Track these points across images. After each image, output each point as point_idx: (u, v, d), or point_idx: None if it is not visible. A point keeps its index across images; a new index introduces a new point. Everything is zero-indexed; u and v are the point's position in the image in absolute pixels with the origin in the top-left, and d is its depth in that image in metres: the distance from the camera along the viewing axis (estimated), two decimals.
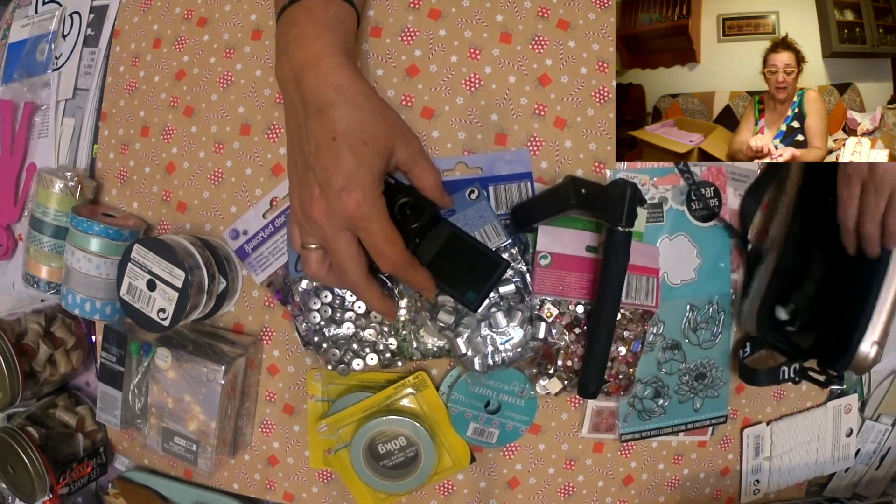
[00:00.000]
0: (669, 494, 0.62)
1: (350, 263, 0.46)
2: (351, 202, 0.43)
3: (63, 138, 0.68)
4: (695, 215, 0.57)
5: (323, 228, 0.45)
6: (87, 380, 0.71)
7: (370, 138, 0.44)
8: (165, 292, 0.54)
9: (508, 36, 0.55)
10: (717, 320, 0.58)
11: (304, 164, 0.45)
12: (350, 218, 0.43)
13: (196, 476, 0.65)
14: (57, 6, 0.70)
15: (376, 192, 0.44)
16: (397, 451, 0.57)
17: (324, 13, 0.47)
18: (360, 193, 0.43)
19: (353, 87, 0.44)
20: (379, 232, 0.44)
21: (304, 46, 0.45)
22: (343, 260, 0.45)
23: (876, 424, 0.67)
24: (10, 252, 0.70)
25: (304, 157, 0.45)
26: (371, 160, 0.44)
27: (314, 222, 0.45)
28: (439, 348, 0.55)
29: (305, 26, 0.46)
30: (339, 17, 0.47)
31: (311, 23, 0.46)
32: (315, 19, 0.46)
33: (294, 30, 0.46)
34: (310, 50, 0.45)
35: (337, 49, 0.45)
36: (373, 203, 0.44)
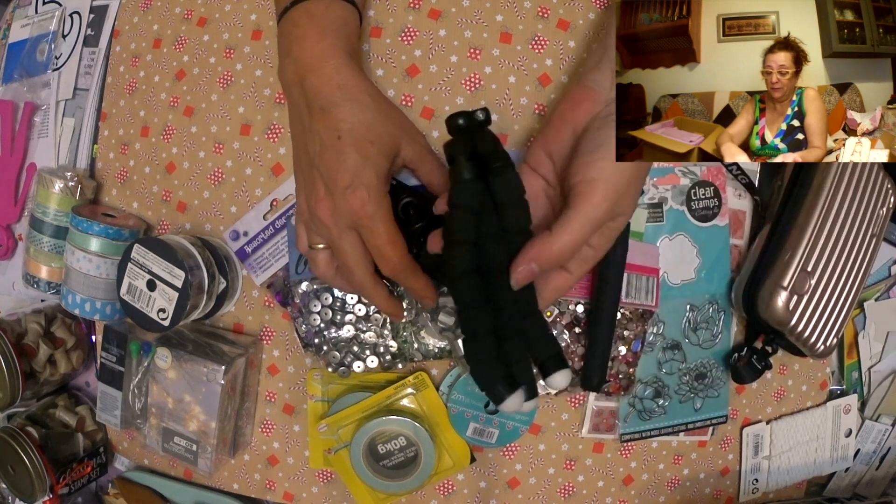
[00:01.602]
0: (669, 494, 0.62)
1: (356, 263, 0.45)
2: (355, 200, 0.43)
3: (63, 138, 0.68)
4: (695, 215, 0.57)
5: (329, 228, 0.45)
6: (87, 380, 0.71)
7: (375, 137, 0.44)
8: (165, 292, 0.54)
9: (508, 36, 0.55)
10: (717, 320, 0.58)
11: (309, 164, 0.45)
12: (355, 216, 0.43)
13: (196, 476, 0.65)
14: (57, 6, 0.70)
15: (381, 191, 0.44)
16: (397, 451, 0.57)
17: (325, 15, 0.47)
18: (365, 192, 0.43)
19: (357, 86, 0.44)
20: (382, 232, 0.44)
21: (306, 48, 0.45)
22: (349, 260, 0.45)
23: (876, 424, 0.67)
24: (10, 252, 0.70)
25: (309, 158, 0.45)
26: (376, 159, 0.44)
27: (320, 221, 0.45)
28: (440, 349, 0.55)
29: (307, 28, 0.46)
30: (341, 19, 0.47)
31: (313, 25, 0.46)
32: (317, 21, 0.46)
33: (296, 32, 0.46)
34: (312, 52, 0.45)
35: (340, 50, 0.45)
36: (377, 202, 0.43)
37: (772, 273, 0.54)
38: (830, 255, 0.55)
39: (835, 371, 0.65)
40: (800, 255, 0.53)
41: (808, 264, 0.54)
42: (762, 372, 0.57)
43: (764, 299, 0.54)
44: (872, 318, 0.65)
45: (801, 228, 0.54)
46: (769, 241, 0.55)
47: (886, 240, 0.62)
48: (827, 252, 0.55)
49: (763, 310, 0.54)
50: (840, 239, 0.55)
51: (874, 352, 0.66)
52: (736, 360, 0.58)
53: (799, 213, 0.54)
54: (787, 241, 0.54)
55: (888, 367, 0.66)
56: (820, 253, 0.54)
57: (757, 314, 0.55)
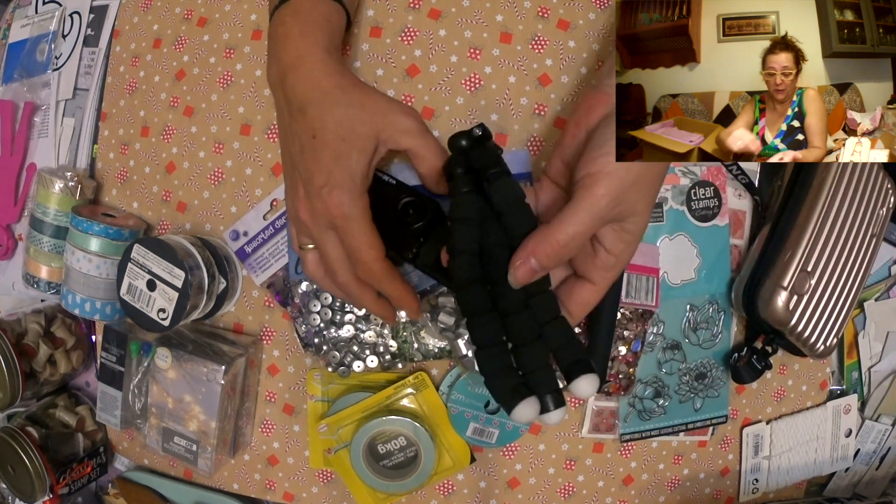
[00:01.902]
0: (669, 494, 0.62)
1: (339, 264, 0.45)
2: (331, 200, 0.42)
3: (63, 138, 0.68)
4: (695, 215, 0.57)
5: (310, 229, 0.44)
6: (87, 380, 0.71)
7: (348, 133, 0.43)
8: (165, 292, 0.54)
9: (508, 36, 0.55)
10: (717, 320, 0.58)
11: (291, 165, 0.45)
12: (331, 217, 0.43)
13: (196, 476, 0.65)
14: (57, 6, 0.70)
15: (356, 190, 0.43)
16: (397, 451, 0.57)
17: (310, 12, 0.46)
18: (339, 191, 0.42)
19: (329, 81, 0.44)
20: (356, 232, 0.43)
21: (288, 46, 0.45)
22: (331, 261, 0.45)
23: (876, 424, 0.67)
24: (10, 252, 0.70)
25: (291, 159, 0.45)
26: (349, 156, 0.43)
27: (302, 223, 0.45)
28: (440, 349, 0.55)
29: (291, 26, 0.46)
30: (324, 16, 0.47)
31: (297, 22, 0.46)
32: (300, 19, 0.46)
33: (281, 30, 0.46)
34: (294, 49, 0.45)
35: (319, 48, 0.45)
36: (352, 202, 0.42)
37: (772, 273, 0.54)
38: (830, 255, 0.55)
39: (835, 371, 0.65)
40: (800, 255, 0.53)
41: (808, 264, 0.54)
42: (762, 372, 0.57)
43: (764, 299, 0.54)
44: (872, 318, 0.65)
45: (801, 228, 0.54)
46: (769, 241, 0.55)
47: (886, 240, 0.62)
48: (827, 252, 0.55)
49: (763, 310, 0.54)
50: (840, 239, 0.55)
51: (874, 352, 0.66)
52: (736, 360, 0.58)
53: (799, 213, 0.54)
54: (787, 241, 0.54)
55: (888, 367, 0.66)
56: (820, 253, 0.54)
57: (757, 314, 0.55)
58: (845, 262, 0.56)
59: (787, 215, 0.55)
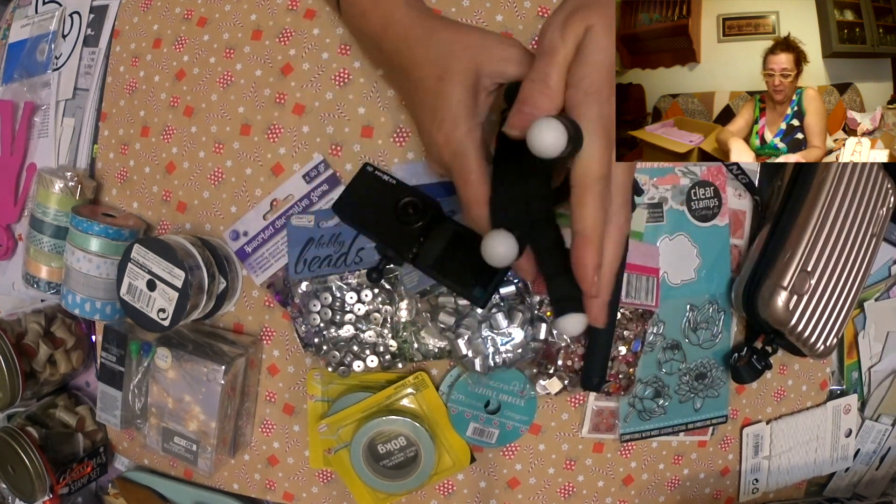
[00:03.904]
0: (669, 494, 0.62)
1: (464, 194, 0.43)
2: (440, 138, 0.43)
3: (63, 138, 0.68)
4: (695, 215, 0.57)
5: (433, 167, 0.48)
6: (87, 380, 0.71)
7: (443, 72, 0.44)
8: (165, 292, 0.54)
9: (508, 36, 0.55)
10: (717, 320, 0.58)
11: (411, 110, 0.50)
12: (442, 158, 0.44)
13: (196, 476, 0.65)
14: (57, 6, 0.70)
15: (461, 127, 0.43)
16: (397, 451, 0.57)
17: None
18: (446, 130, 0.43)
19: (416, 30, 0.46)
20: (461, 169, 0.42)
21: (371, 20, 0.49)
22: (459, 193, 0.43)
23: (876, 424, 0.67)
24: (10, 252, 0.70)
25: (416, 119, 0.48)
26: (449, 94, 0.43)
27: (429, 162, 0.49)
28: (440, 349, 0.55)
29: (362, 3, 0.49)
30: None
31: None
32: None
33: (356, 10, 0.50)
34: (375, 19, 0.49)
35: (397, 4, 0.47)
36: (458, 141, 0.43)
37: (772, 273, 0.54)
38: (830, 255, 0.55)
39: (835, 371, 0.65)
40: (800, 255, 0.53)
41: (808, 264, 0.54)
42: (762, 372, 0.57)
43: (764, 299, 0.54)
44: (872, 318, 0.65)
45: (801, 228, 0.54)
46: (769, 241, 0.55)
47: (886, 240, 0.62)
48: (827, 252, 0.55)
49: (763, 310, 0.54)
50: (840, 239, 0.55)
51: (874, 352, 0.66)
52: (736, 360, 0.58)
53: (799, 213, 0.54)
54: (787, 241, 0.54)
55: (888, 367, 0.66)
56: (820, 253, 0.54)
57: (757, 314, 0.55)
58: (845, 261, 0.56)
59: (787, 215, 0.55)
